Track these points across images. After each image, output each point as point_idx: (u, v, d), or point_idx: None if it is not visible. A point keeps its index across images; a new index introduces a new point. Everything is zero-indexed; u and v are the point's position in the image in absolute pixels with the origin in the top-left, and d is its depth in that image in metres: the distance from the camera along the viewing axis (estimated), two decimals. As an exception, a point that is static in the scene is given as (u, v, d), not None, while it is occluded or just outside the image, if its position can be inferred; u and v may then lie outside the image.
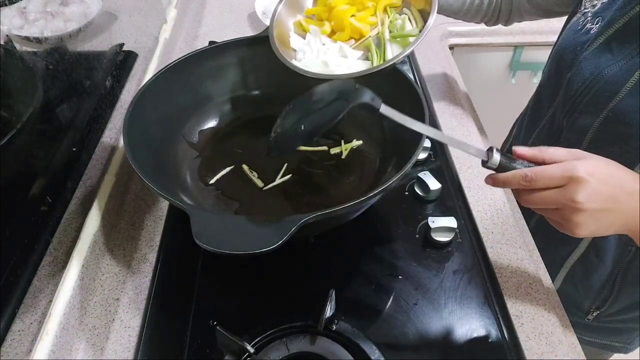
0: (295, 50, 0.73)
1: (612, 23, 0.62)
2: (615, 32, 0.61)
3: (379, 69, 0.64)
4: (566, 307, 0.64)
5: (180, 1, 1.16)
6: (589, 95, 0.63)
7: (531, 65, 1.45)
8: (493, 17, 0.90)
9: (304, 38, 0.73)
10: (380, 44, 0.69)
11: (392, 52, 0.68)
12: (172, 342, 0.57)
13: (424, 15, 0.71)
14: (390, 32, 0.70)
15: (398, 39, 0.68)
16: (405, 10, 0.73)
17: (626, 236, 0.65)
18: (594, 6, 0.66)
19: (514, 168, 0.50)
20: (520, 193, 0.50)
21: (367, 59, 0.70)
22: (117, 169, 0.74)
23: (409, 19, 0.71)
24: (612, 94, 0.60)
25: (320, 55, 0.70)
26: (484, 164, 0.51)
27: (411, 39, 0.67)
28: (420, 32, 0.67)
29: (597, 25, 0.64)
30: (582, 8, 0.68)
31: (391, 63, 0.64)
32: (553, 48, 0.76)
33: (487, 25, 0.94)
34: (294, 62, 0.69)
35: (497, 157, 0.50)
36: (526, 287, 0.64)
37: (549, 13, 0.83)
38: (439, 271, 0.64)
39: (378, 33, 0.70)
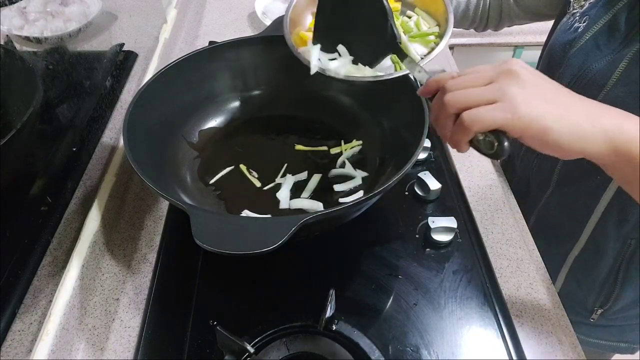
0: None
1: (598, 20, 0.63)
2: (601, 29, 0.63)
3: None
4: (570, 307, 0.64)
5: (180, 1, 1.16)
6: (578, 89, 0.64)
7: (531, 65, 1.45)
8: (482, 23, 0.91)
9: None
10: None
11: (417, 52, 0.67)
12: (172, 342, 0.57)
13: (431, 15, 0.71)
14: (405, 33, 0.69)
15: (417, 38, 0.68)
16: (409, 12, 0.73)
17: (626, 228, 0.66)
18: (581, 7, 0.67)
19: None
20: (448, 89, 0.44)
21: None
22: (117, 169, 0.74)
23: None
24: (601, 87, 0.61)
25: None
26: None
27: (432, 37, 0.67)
28: (443, 29, 0.67)
29: (585, 24, 0.65)
30: (571, 9, 0.69)
31: (426, 62, 0.63)
32: (543, 49, 0.77)
33: (476, 31, 0.94)
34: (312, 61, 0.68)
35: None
36: (526, 287, 0.64)
37: (538, 16, 0.84)
38: (439, 271, 0.64)
39: None
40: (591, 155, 0.42)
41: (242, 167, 0.73)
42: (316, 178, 0.70)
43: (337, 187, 0.69)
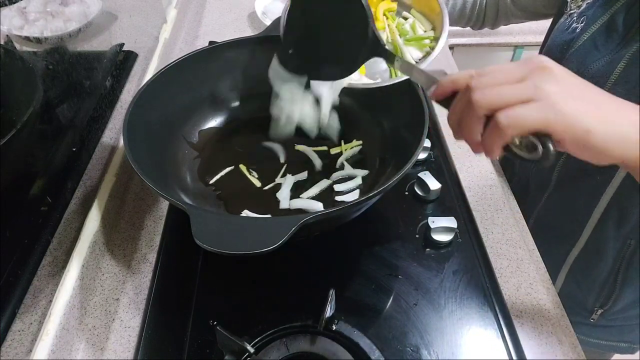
0: None
1: (595, 20, 0.63)
2: (599, 29, 0.63)
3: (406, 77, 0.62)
4: (570, 307, 0.64)
5: (180, 1, 1.16)
6: None
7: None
8: (478, 21, 0.91)
9: None
10: (395, 50, 0.68)
11: (412, 56, 0.67)
12: (172, 342, 0.57)
13: (427, 16, 0.71)
14: (400, 36, 0.69)
15: (413, 42, 0.68)
16: (405, 14, 0.73)
17: (625, 229, 0.66)
18: (579, 7, 0.67)
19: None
20: (474, 88, 0.39)
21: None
22: (117, 169, 0.74)
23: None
24: (599, 87, 0.61)
25: None
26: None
27: (427, 41, 0.67)
28: (439, 32, 0.67)
29: (582, 25, 0.65)
30: (568, 9, 0.69)
31: (427, 63, 0.62)
32: (541, 49, 0.77)
33: (473, 29, 0.95)
34: None
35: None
36: (526, 287, 0.64)
37: (535, 15, 0.85)
38: (439, 271, 0.64)
39: (387, 39, 0.69)
40: (630, 161, 0.38)
41: (242, 167, 0.73)
42: (324, 183, 0.70)
43: (337, 187, 0.69)
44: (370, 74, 0.68)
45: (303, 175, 0.71)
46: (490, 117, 0.38)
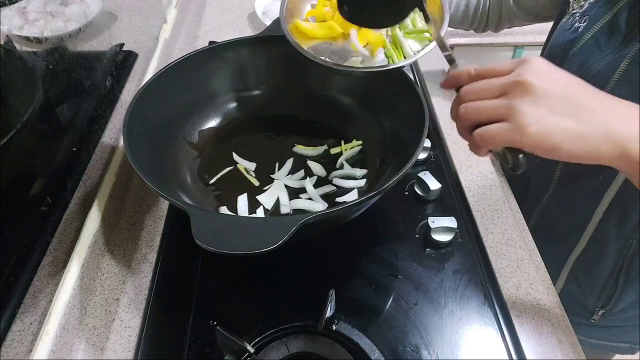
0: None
1: (598, 19, 0.63)
2: (601, 28, 0.63)
3: (408, 62, 0.63)
4: (571, 307, 0.64)
5: (180, 1, 1.16)
6: None
7: (531, 65, 1.45)
8: (481, 23, 0.91)
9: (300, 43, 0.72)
10: (394, 42, 0.68)
11: (412, 48, 0.67)
12: (172, 342, 0.57)
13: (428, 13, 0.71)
14: (400, 29, 0.69)
15: (412, 35, 0.68)
16: None
17: (627, 229, 0.66)
18: (581, 7, 0.67)
19: None
20: (462, 98, 0.45)
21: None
22: (117, 169, 0.74)
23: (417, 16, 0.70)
24: (602, 87, 0.61)
25: None
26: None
27: (426, 34, 0.66)
28: (439, 26, 0.67)
29: (585, 24, 0.65)
30: (571, 9, 0.69)
31: (419, 56, 0.63)
32: (543, 49, 0.77)
33: (476, 32, 0.95)
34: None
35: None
36: (526, 287, 0.64)
37: (538, 17, 0.85)
38: (439, 271, 0.64)
39: (387, 32, 0.69)
40: (605, 163, 0.42)
41: (240, 166, 0.73)
42: (327, 188, 0.70)
43: (337, 184, 0.69)
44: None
45: (302, 174, 0.71)
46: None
